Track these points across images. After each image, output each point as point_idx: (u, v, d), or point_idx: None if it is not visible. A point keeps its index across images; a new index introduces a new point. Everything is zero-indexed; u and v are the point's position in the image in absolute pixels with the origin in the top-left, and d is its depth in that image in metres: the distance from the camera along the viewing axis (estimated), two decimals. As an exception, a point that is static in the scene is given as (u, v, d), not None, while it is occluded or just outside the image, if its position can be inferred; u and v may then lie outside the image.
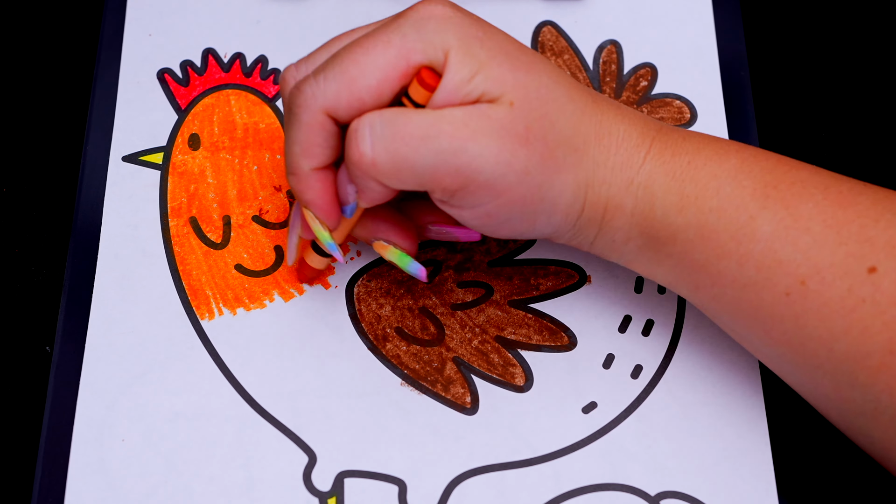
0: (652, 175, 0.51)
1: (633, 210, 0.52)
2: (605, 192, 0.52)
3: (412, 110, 0.49)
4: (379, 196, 0.52)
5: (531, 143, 0.50)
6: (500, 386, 0.58)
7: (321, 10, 0.67)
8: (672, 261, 0.52)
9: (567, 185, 0.51)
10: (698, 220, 0.51)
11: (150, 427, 0.57)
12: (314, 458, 0.56)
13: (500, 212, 0.51)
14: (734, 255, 0.50)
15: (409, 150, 0.49)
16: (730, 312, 0.52)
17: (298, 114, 0.51)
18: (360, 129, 0.49)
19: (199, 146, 0.64)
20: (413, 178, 0.50)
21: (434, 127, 0.49)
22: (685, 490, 0.56)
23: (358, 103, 0.50)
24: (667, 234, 0.52)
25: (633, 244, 0.53)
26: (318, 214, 0.53)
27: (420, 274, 0.56)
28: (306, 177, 0.52)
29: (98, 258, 0.60)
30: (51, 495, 0.55)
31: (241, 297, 0.60)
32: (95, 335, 0.58)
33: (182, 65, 0.66)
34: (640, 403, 0.58)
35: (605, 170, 0.51)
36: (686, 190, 0.51)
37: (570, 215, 0.52)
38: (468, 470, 0.56)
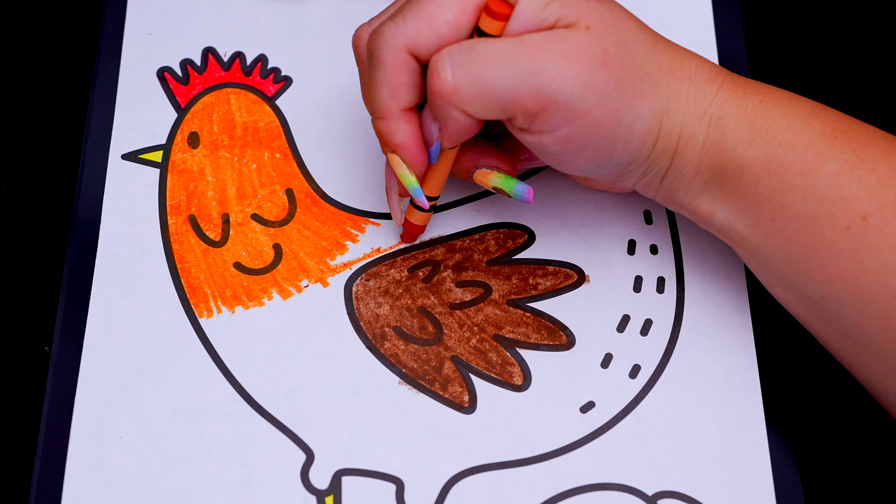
0: (724, 108, 0.53)
1: (705, 141, 0.53)
2: (679, 122, 0.53)
3: (490, 38, 0.51)
4: (462, 128, 0.53)
5: (608, 67, 0.51)
6: (498, 385, 0.58)
7: (321, 9, 0.67)
8: (736, 196, 0.53)
9: (643, 110, 0.52)
10: (767, 153, 0.52)
11: (148, 424, 0.57)
12: (312, 456, 0.56)
13: (579, 135, 0.52)
14: (799, 188, 0.51)
15: (489, 74, 0.50)
16: (786, 247, 0.53)
17: (381, 56, 0.52)
18: (440, 59, 0.51)
19: (199, 144, 0.64)
20: (495, 102, 0.51)
21: (513, 50, 0.50)
22: (683, 490, 0.56)
23: (437, 39, 0.51)
24: (735, 166, 0.53)
25: (701, 178, 0.54)
26: (406, 157, 0.54)
27: (528, 195, 0.56)
28: (395, 118, 0.53)
29: (97, 256, 0.60)
30: (49, 492, 0.55)
31: (240, 296, 0.60)
32: (94, 332, 0.58)
33: (182, 63, 0.66)
34: (638, 403, 0.58)
35: (680, 99, 0.53)
36: (757, 124, 0.52)
37: (645, 143, 0.53)
38: (466, 469, 0.56)
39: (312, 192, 0.63)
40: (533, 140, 0.53)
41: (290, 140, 0.64)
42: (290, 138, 0.64)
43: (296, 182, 0.63)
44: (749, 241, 0.54)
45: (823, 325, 0.54)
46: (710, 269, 0.61)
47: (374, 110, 0.54)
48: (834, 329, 0.53)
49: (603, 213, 0.62)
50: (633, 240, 0.61)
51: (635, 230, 0.62)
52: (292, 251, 0.61)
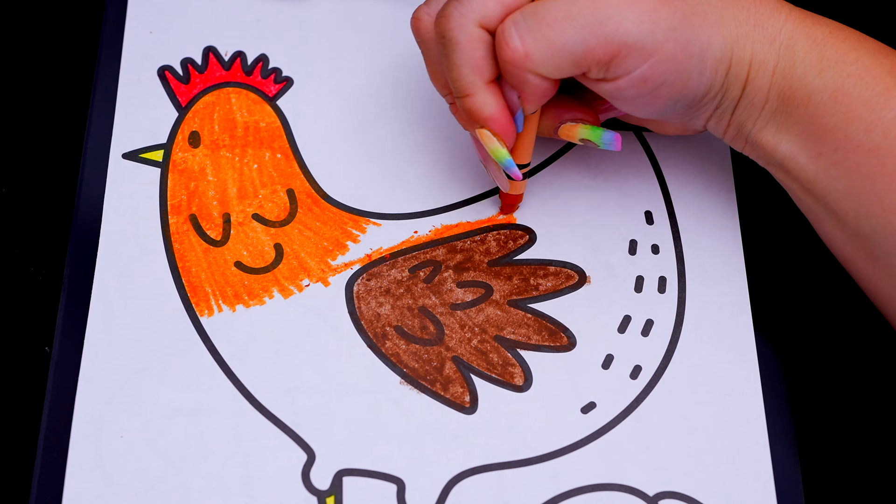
0: (794, 35, 0.53)
1: (776, 68, 0.53)
2: (749, 48, 0.53)
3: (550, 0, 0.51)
4: (541, 90, 0.53)
5: (670, 2, 0.52)
6: (499, 385, 0.58)
7: (322, 9, 0.67)
8: (801, 126, 0.54)
9: (714, 39, 0.53)
10: (835, 83, 0.52)
11: (149, 423, 0.56)
12: (313, 457, 0.56)
13: (654, 74, 0.52)
14: (864, 120, 0.52)
15: (556, 33, 0.51)
16: (846, 179, 0.53)
17: (455, 36, 0.53)
18: (506, 28, 0.52)
19: (200, 144, 0.64)
20: (567, 58, 0.52)
21: (576, 5, 0.51)
22: (684, 490, 0.56)
23: (503, 7, 0.52)
24: (802, 94, 0.53)
25: (770, 107, 0.54)
26: (496, 129, 0.55)
27: (616, 142, 0.57)
28: (482, 93, 0.54)
29: (98, 255, 0.60)
30: (49, 492, 0.55)
31: (241, 295, 0.60)
32: (95, 331, 0.58)
33: (183, 62, 0.66)
34: (639, 404, 0.58)
35: (748, 27, 0.53)
36: (827, 53, 0.53)
37: (719, 71, 0.53)
38: (467, 469, 0.56)
39: (313, 193, 0.62)
40: (610, 87, 0.53)
41: (290, 140, 0.64)
42: (291, 138, 0.64)
43: (297, 182, 0.63)
44: (809, 172, 0.54)
45: (871, 263, 0.55)
46: (711, 269, 0.61)
47: (459, 89, 0.54)
48: (882, 265, 0.54)
49: (604, 212, 0.62)
50: (635, 240, 0.61)
51: (636, 230, 0.62)
52: (293, 251, 0.61)
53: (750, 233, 0.62)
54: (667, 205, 0.62)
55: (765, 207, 0.62)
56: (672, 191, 0.63)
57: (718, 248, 0.61)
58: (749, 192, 0.63)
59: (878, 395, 0.60)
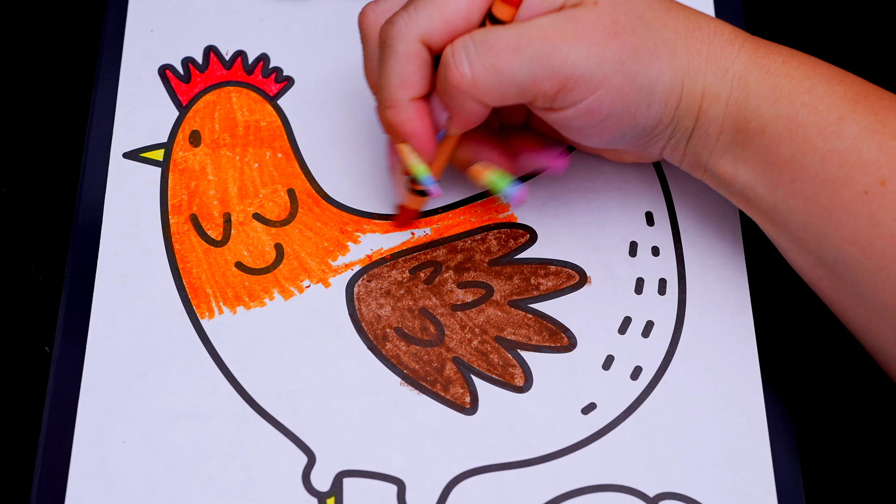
0: (747, 66, 0.53)
1: (728, 100, 0.53)
2: (701, 80, 0.53)
3: (501, 26, 0.51)
4: (476, 116, 0.53)
5: (621, 36, 0.51)
6: (499, 386, 0.58)
7: (323, 9, 0.67)
8: (758, 156, 0.53)
9: (663, 72, 0.52)
10: (789, 113, 0.52)
11: (150, 428, 0.57)
12: (313, 459, 0.56)
13: (601, 106, 0.52)
14: (819, 150, 0.52)
15: (505, 63, 0.51)
16: (804, 210, 0.53)
17: (394, 45, 0.52)
18: (456, 53, 0.51)
19: (200, 143, 0.64)
20: (513, 89, 0.51)
21: (525, 36, 0.51)
22: (684, 491, 0.56)
23: (450, 28, 0.52)
24: (757, 125, 0.53)
25: (725, 138, 0.54)
26: (416, 146, 0.54)
27: (520, 195, 0.56)
28: (406, 108, 0.53)
29: (99, 255, 0.60)
30: (50, 495, 0.55)
31: (241, 296, 0.60)
32: (96, 334, 0.58)
33: (184, 61, 0.66)
34: (640, 405, 0.58)
35: (700, 59, 0.53)
36: (780, 83, 0.53)
37: (669, 104, 0.53)
38: (467, 470, 0.56)
39: (314, 193, 0.62)
40: (557, 117, 0.53)
41: (291, 140, 0.64)
42: (292, 138, 0.64)
43: (297, 182, 0.63)
44: (768, 202, 0.54)
45: (836, 291, 0.54)
46: (711, 270, 0.61)
47: (384, 99, 0.54)
48: (847, 294, 0.54)
49: (605, 213, 0.62)
50: (635, 241, 0.61)
51: (637, 231, 0.62)
52: (294, 251, 0.61)
53: (750, 234, 0.62)
54: (667, 206, 0.62)
55: (766, 207, 0.62)
56: (673, 192, 0.63)
57: (719, 249, 0.61)
58: (750, 192, 0.63)
59: (879, 396, 0.60)
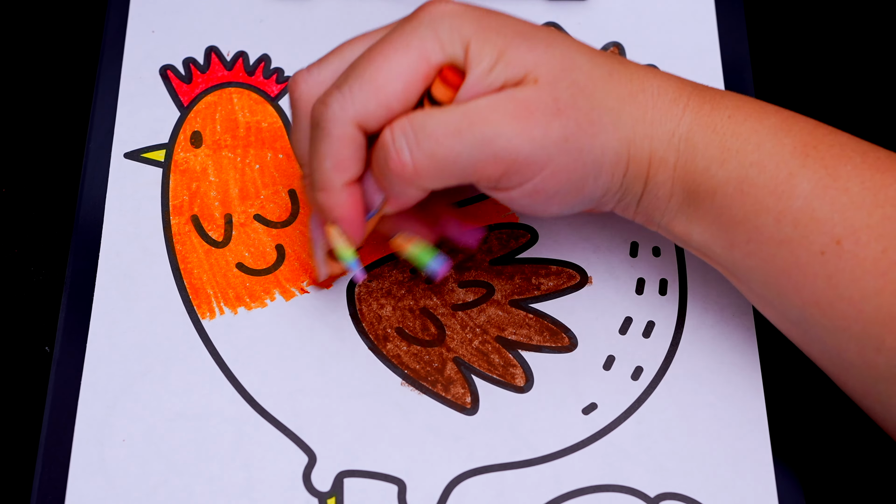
0: (692, 128, 0.52)
1: (676, 163, 0.52)
2: (647, 146, 0.52)
3: (439, 109, 0.50)
4: (414, 200, 0.52)
5: (563, 113, 0.50)
6: (500, 386, 0.58)
7: (324, 9, 0.67)
8: (710, 217, 0.52)
9: (608, 144, 0.51)
10: (738, 173, 0.51)
11: (151, 427, 0.57)
12: (314, 459, 0.56)
13: (547, 185, 0.51)
14: (772, 211, 0.50)
15: (446, 150, 0.49)
16: (762, 270, 0.52)
17: (328, 128, 0.50)
18: (396, 140, 0.50)
19: (202, 144, 0.64)
20: (455, 174, 0.50)
21: (465, 120, 0.49)
22: (685, 492, 0.56)
23: (386, 111, 0.50)
24: (707, 187, 0.52)
25: (676, 200, 0.53)
26: (347, 231, 0.53)
27: (442, 269, 0.55)
28: (338, 192, 0.52)
29: (99, 256, 0.60)
30: (50, 495, 0.55)
31: (242, 296, 0.60)
32: (97, 334, 0.58)
33: (185, 62, 0.66)
34: (641, 405, 0.58)
35: (645, 125, 0.52)
36: (727, 143, 0.51)
37: (616, 174, 0.52)
38: (468, 470, 0.56)
39: (315, 193, 0.62)
40: (502, 196, 0.52)
41: (292, 140, 0.64)
42: (293, 139, 0.64)
43: (298, 183, 0.63)
44: (726, 261, 0.53)
45: (806, 345, 0.54)
46: (712, 270, 0.61)
47: (317, 182, 0.52)
48: (815, 349, 0.53)
49: (605, 214, 0.62)
50: (636, 242, 0.61)
51: (637, 232, 0.62)
52: (295, 252, 0.61)
53: (751, 233, 0.61)
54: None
55: (766, 208, 0.62)
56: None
57: (720, 249, 0.61)
58: (751, 192, 0.63)
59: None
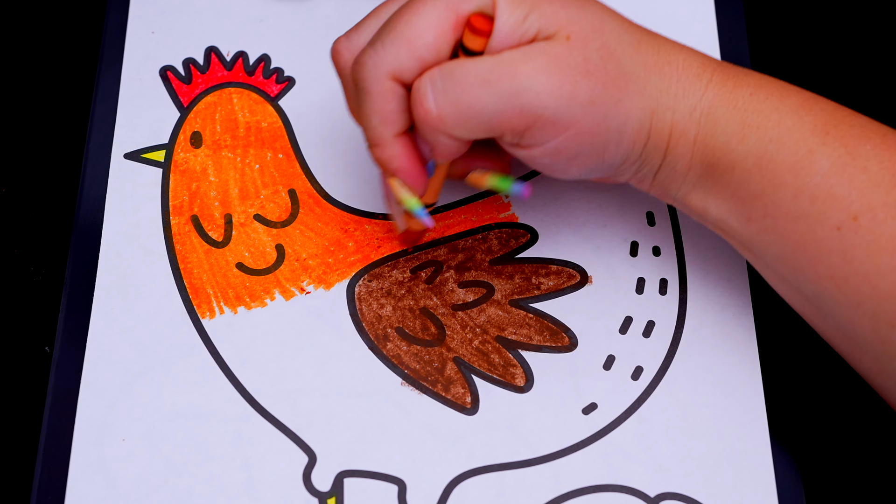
0: (714, 103, 0.52)
1: (696, 137, 0.52)
2: (669, 119, 0.52)
3: (470, 59, 0.50)
4: (452, 149, 0.52)
5: (592, 74, 0.50)
6: (500, 386, 0.58)
7: (324, 9, 0.67)
8: (728, 191, 0.53)
9: (632, 111, 0.51)
10: (758, 149, 0.51)
11: (151, 426, 0.57)
12: (314, 458, 0.56)
13: (569, 146, 0.51)
14: (790, 186, 0.51)
15: (472, 98, 0.50)
16: (778, 245, 0.52)
17: (367, 86, 0.51)
18: (421, 88, 0.50)
19: (201, 144, 0.64)
20: (480, 125, 0.50)
21: (494, 70, 0.49)
22: (685, 492, 0.56)
23: (419, 62, 0.51)
24: (726, 162, 0.52)
25: (694, 174, 0.53)
26: (406, 180, 0.54)
27: (524, 192, 0.55)
28: (391, 145, 0.53)
29: (99, 256, 0.60)
30: (50, 494, 0.55)
31: (242, 296, 0.60)
32: (96, 333, 0.58)
33: (185, 62, 0.66)
34: (641, 405, 0.58)
35: (669, 97, 0.52)
36: (748, 119, 0.52)
37: (637, 142, 0.52)
38: (468, 470, 0.56)
39: (315, 193, 0.62)
40: (523, 154, 0.52)
41: (292, 140, 0.64)
42: (293, 139, 0.64)
43: (298, 183, 0.63)
44: (742, 235, 0.54)
45: (818, 320, 0.54)
46: (712, 270, 0.61)
47: (369, 138, 0.53)
48: (828, 325, 0.53)
49: (606, 213, 0.62)
50: (636, 241, 0.61)
51: (638, 232, 0.62)
52: (294, 252, 0.61)
53: (752, 233, 0.61)
54: (668, 206, 0.62)
55: (766, 208, 0.62)
56: (673, 192, 0.63)
57: (720, 249, 0.61)
58: (751, 192, 0.63)
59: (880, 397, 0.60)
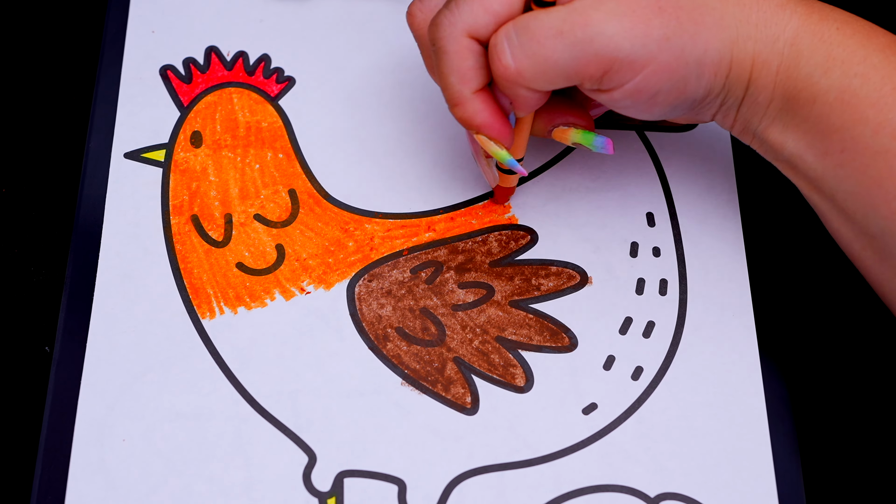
0: (798, 33, 0.52)
1: (779, 67, 0.52)
2: (751, 48, 0.52)
3: (542, 11, 0.51)
4: (533, 101, 0.53)
5: (665, 11, 0.51)
6: (500, 386, 0.58)
7: (324, 9, 0.67)
8: (808, 125, 0.53)
9: (711, 42, 0.52)
10: (842, 83, 0.51)
11: (151, 427, 0.57)
12: (314, 458, 0.56)
13: (648, 84, 0.52)
14: (872, 121, 0.51)
15: (547, 50, 0.50)
16: (854, 180, 0.52)
17: (444, 45, 0.52)
18: (498, 44, 0.51)
19: (202, 144, 0.64)
20: (558, 75, 0.51)
21: (567, 21, 0.50)
22: (685, 492, 0.56)
23: (494, 18, 0.52)
24: (808, 94, 0.52)
25: (775, 106, 0.54)
26: (491, 135, 0.54)
27: (608, 146, 0.56)
28: (471, 102, 0.53)
29: (99, 255, 0.60)
30: (50, 494, 0.55)
31: (242, 296, 0.60)
32: (97, 333, 0.58)
33: (185, 62, 0.66)
34: (641, 405, 0.58)
35: (749, 26, 0.52)
36: (833, 52, 0.52)
37: (719, 74, 0.53)
38: (468, 470, 0.56)
39: (315, 193, 0.62)
40: (605, 97, 0.53)
41: (293, 140, 0.64)
42: (293, 138, 0.64)
43: (298, 182, 0.63)
44: (816, 171, 0.54)
45: (878, 262, 0.54)
46: (712, 271, 0.61)
47: (449, 98, 0.54)
48: (888, 266, 0.53)
49: (605, 214, 0.62)
50: (636, 242, 0.61)
51: (638, 232, 0.62)
52: (295, 252, 0.61)
53: (752, 234, 0.62)
54: (668, 207, 0.62)
55: (767, 208, 0.62)
56: (674, 192, 0.63)
57: (720, 249, 0.61)
58: (751, 193, 0.63)
59: (881, 396, 0.60)
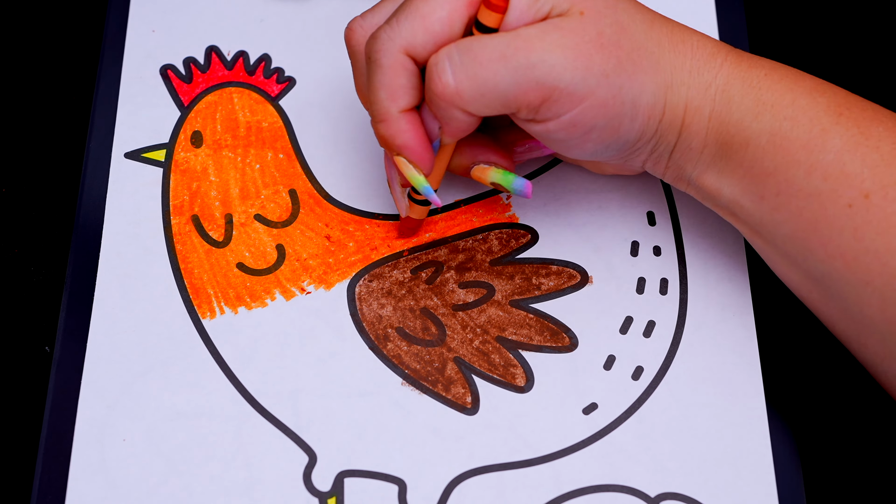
0: (729, 80, 0.53)
1: (711, 114, 0.53)
2: (684, 94, 0.53)
3: (486, 35, 0.51)
4: (464, 125, 0.53)
5: (606, 48, 0.51)
6: (500, 386, 0.58)
7: (324, 9, 0.67)
8: (742, 169, 0.53)
9: (647, 85, 0.52)
10: (772, 126, 0.52)
11: (151, 426, 0.57)
12: (314, 458, 0.56)
13: (584, 118, 0.52)
14: (803, 163, 0.51)
15: (489, 73, 0.50)
16: (790, 223, 0.53)
17: (378, 59, 0.52)
18: (439, 62, 0.51)
19: (202, 144, 0.64)
20: (497, 99, 0.51)
21: (510, 46, 0.50)
22: (685, 492, 0.56)
23: (433, 38, 0.52)
24: (740, 139, 0.53)
25: (708, 152, 0.54)
26: (411, 158, 0.54)
27: (526, 189, 0.57)
28: (396, 121, 0.53)
29: (100, 255, 0.60)
30: (50, 494, 0.55)
31: (243, 296, 0.60)
32: (97, 333, 0.58)
33: (185, 62, 0.66)
34: (641, 405, 0.58)
35: (683, 73, 0.53)
36: (763, 97, 0.52)
37: (652, 118, 0.53)
38: (468, 470, 0.56)
39: (315, 193, 0.62)
40: (539, 129, 0.53)
41: (293, 140, 0.64)
42: (294, 139, 0.64)
43: (299, 182, 0.63)
44: (754, 216, 0.54)
45: (824, 304, 0.54)
46: (713, 270, 0.61)
47: (374, 113, 0.54)
48: (834, 307, 0.54)
49: (606, 213, 0.62)
50: (636, 241, 0.61)
51: (638, 231, 0.62)
52: (295, 252, 0.61)
53: (752, 233, 0.61)
54: (669, 206, 0.62)
55: (767, 208, 0.62)
56: (674, 192, 0.63)
57: (720, 249, 0.61)
58: (751, 192, 0.63)
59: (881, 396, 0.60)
